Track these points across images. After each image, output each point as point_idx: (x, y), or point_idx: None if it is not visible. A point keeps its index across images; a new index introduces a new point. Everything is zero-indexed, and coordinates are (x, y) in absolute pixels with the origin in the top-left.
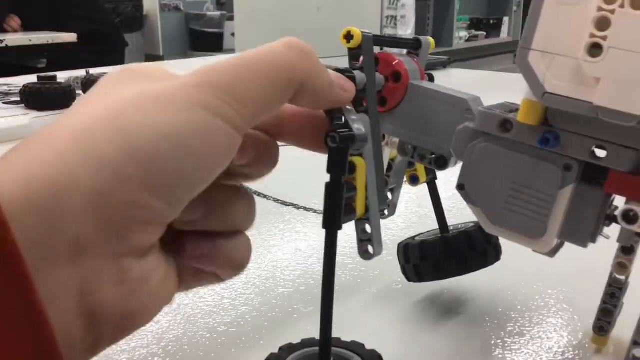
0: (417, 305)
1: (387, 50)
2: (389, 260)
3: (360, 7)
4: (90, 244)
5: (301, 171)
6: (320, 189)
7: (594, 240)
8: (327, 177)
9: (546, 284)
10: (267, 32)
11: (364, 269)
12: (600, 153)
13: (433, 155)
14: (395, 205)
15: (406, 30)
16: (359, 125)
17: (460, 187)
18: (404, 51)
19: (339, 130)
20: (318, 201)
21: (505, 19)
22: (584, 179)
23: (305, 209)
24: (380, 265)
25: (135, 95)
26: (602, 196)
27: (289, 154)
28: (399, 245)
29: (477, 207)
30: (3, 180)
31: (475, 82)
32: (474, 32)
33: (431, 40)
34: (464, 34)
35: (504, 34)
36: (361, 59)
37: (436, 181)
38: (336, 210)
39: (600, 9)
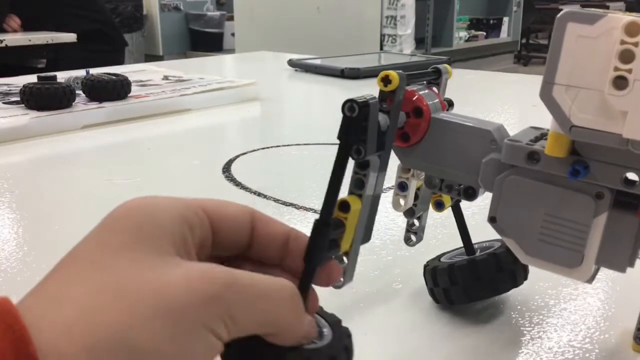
0: (417, 304)
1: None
2: (389, 259)
3: (360, 7)
4: None
5: (301, 171)
6: (320, 189)
7: (632, 265)
8: (326, 178)
9: (546, 284)
10: (266, 32)
11: (363, 269)
12: (632, 176)
13: (461, 186)
14: (422, 230)
15: (406, 30)
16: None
17: (491, 219)
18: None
19: (359, 102)
20: (318, 201)
21: (505, 19)
22: (617, 205)
23: (306, 209)
24: (379, 265)
25: (137, 302)
26: (636, 222)
27: (289, 154)
28: (426, 267)
29: (511, 239)
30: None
31: (475, 82)
32: (473, 32)
33: (449, 67)
34: (463, 34)
35: (504, 34)
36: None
37: (460, 203)
38: (319, 247)
39: (623, 42)
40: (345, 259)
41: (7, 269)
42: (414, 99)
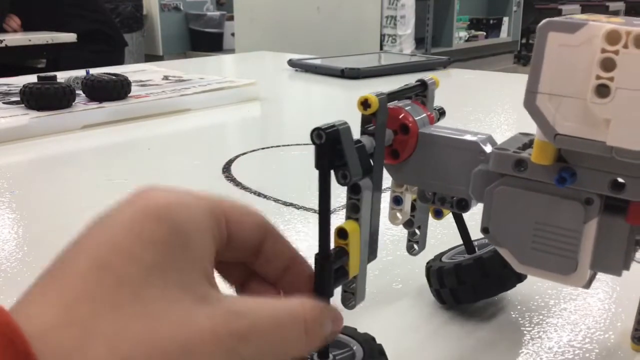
0: (417, 305)
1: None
2: (388, 260)
3: (360, 7)
4: None
5: (301, 171)
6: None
7: (627, 268)
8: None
9: (546, 284)
10: (266, 32)
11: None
12: (620, 181)
13: (453, 199)
14: (424, 241)
15: (406, 30)
16: None
17: (484, 230)
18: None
19: (324, 128)
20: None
21: (505, 19)
22: (607, 210)
23: (305, 209)
24: (379, 266)
25: (163, 339)
26: (627, 226)
27: (289, 154)
28: (429, 268)
29: (505, 249)
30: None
31: (475, 82)
32: (473, 32)
33: (436, 78)
34: (463, 34)
35: (504, 34)
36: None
37: None
38: (326, 280)
39: (604, 50)
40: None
41: (7, 269)
42: (400, 116)
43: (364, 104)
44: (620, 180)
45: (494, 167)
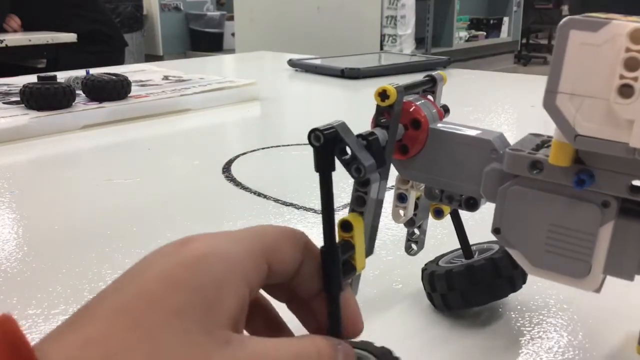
0: (417, 304)
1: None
2: (388, 260)
3: (360, 7)
4: None
5: (301, 171)
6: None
7: (639, 272)
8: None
9: (546, 284)
10: (266, 32)
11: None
12: (638, 183)
13: (462, 197)
14: (423, 241)
15: (406, 30)
16: (366, 155)
17: (496, 231)
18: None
19: (322, 129)
20: (318, 201)
21: (505, 19)
22: (623, 213)
23: (305, 209)
24: (380, 266)
25: None
26: None
27: (289, 154)
28: (424, 272)
29: (516, 250)
30: None
31: (475, 82)
32: (473, 32)
33: (444, 74)
34: (464, 34)
35: (504, 34)
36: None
37: (459, 211)
38: (335, 274)
39: (628, 50)
40: None
41: (7, 269)
42: (411, 110)
43: (382, 95)
44: (639, 183)
45: (509, 169)
